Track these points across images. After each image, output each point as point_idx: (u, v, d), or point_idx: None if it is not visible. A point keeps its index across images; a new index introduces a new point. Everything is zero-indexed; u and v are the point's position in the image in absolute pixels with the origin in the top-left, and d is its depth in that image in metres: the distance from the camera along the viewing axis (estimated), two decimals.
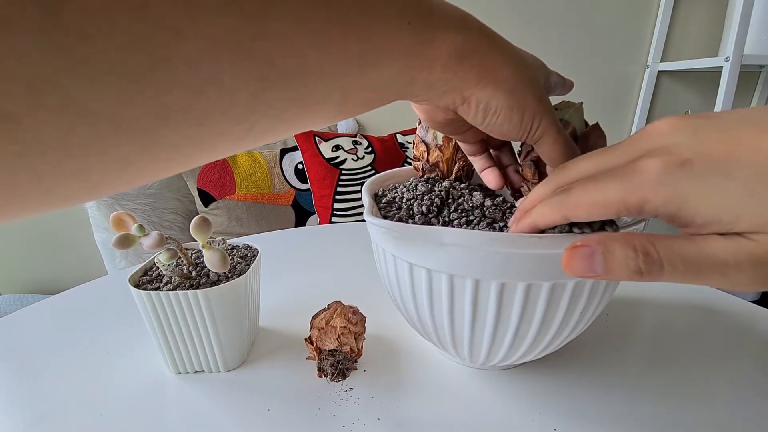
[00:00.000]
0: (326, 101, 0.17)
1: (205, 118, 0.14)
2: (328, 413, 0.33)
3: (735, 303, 0.50)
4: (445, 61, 0.20)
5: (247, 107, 0.14)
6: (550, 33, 1.49)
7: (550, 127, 0.25)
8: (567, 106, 0.31)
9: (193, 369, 0.37)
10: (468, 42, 0.21)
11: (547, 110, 0.25)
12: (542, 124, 0.25)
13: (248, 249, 0.41)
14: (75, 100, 0.11)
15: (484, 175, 0.34)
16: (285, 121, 0.16)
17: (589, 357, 0.40)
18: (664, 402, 0.34)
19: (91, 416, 0.33)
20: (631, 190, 0.19)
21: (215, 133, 0.14)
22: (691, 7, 1.49)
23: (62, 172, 0.12)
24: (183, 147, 0.14)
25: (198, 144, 0.14)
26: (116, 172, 0.13)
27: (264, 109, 0.15)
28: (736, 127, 0.18)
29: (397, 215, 0.32)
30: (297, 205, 1.27)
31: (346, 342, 0.36)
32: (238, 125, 0.15)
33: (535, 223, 0.24)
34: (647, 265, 0.19)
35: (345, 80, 0.17)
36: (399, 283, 0.32)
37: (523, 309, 0.28)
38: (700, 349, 0.42)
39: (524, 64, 0.24)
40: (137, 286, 0.34)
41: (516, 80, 0.23)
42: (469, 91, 0.22)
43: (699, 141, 0.18)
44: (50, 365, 0.39)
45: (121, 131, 0.12)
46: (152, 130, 0.13)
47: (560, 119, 0.29)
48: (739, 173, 0.17)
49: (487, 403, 0.34)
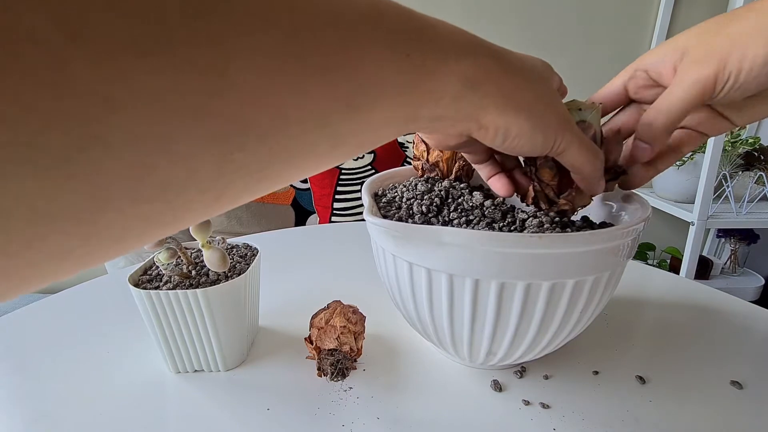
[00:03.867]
0: (311, 152, 0.15)
1: (159, 193, 0.11)
2: (328, 412, 0.33)
3: (735, 303, 0.50)
4: (455, 91, 0.19)
5: (212, 174, 0.12)
6: (550, 33, 1.49)
7: (573, 139, 0.25)
8: (588, 107, 0.29)
9: (193, 368, 0.37)
10: (479, 68, 0.19)
11: (567, 122, 0.24)
12: (565, 138, 0.24)
13: (248, 248, 0.41)
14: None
15: (492, 183, 0.32)
16: (263, 180, 0.14)
17: (589, 357, 0.40)
18: (663, 402, 0.34)
19: (91, 415, 0.33)
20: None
21: (174, 207, 0.12)
22: (691, 8, 1.49)
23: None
24: (133, 228, 0.12)
25: (153, 221, 0.12)
26: (54, 262, 0.11)
27: (233, 172, 0.13)
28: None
29: (397, 215, 0.32)
30: (297, 205, 1.27)
31: (345, 341, 0.36)
32: (204, 194, 0.13)
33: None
34: (660, 113, 0.27)
35: (332, 128, 0.15)
36: (399, 282, 0.32)
37: (522, 308, 0.28)
38: (700, 349, 0.42)
39: (541, 79, 0.23)
40: (137, 285, 0.34)
41: (536, 101, 0.22)
42: (486, 118, 0.21)
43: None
44: (50, 364, 0.39)
45: (48, 224, 0.10)
46: (91, 217, 0.10)
47: (582, 120, 0.29)
48: None
49: (486, 402, 0.34)
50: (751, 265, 1.70)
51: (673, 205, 1.44)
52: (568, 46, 1.51)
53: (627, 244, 0.29)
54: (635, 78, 0.31)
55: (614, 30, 1.51)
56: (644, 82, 0.30)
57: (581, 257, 0.27)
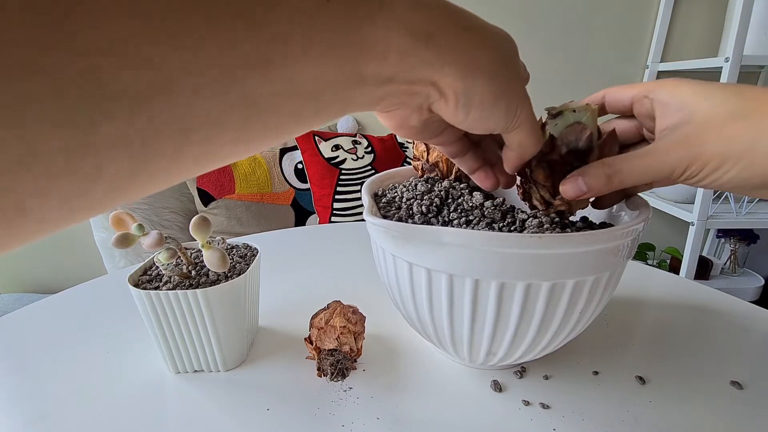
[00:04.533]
0: (219, 125, 0.13)
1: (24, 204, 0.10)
2: (328, 413, 0.33)
3: (735, 303, 0.50)
4: (402, 44, 0.16)
5: (72, 151, 0.10)
6: (550, 33, 1.49)
7: (529, 114, 0.23)
8: (583, 109, 0.29)
9: (193, 368, 0.37)
10: (431, 20, 0.17)
11: (525, 94, 0.22)
12: (524, 111, 0.22)
13: (248, 248, 0.41)
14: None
15: (476, 178, 0.31)
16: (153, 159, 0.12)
17: (589, 357, 0.40)
18: (663, 402, 0.34)
19: (91, 415, 0.33)
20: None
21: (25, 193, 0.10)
22: (690, 8, 1.49)
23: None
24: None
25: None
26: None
27: (104, 148, 0.11)
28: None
29: (397, 215, 0.32)
30: (296, 205, 1.27)
31: (345, 341, 0.36)
32: (67, 177, 0.11)
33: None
34: (613, 172, 0.26)
35: (242, 91, 0.13)
36: (398, 282, 0.32)
37: (522, 309, 0.28)
38: (700, 349, 0.42)
39: (501, 39, 0.21)
40: (137, 285, 0.34)
41: (499, 63, 0.20)
42: (444, 80, 0.18)
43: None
44: (50, 364, 0.39)
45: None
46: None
47: (577, 122, 0.28)
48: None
49: (486, 402, 0.34)
50: (750, 266, 1.70)
51: (673, 205, 1.44)
52: (568, 46, 1.51)
53: (627, 244, 0.29)
54: (641, 102, 0.30)
55: (614, 30, 1.51)
56: (646, 111, 0.30)
57: (581, 257, 0.27)
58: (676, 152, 0.26)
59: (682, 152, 0.25)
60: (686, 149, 0.25)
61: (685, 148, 0.25)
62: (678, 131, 0.26)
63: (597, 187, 0.27)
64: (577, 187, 0.27)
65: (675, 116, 0.27)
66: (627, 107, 0.32)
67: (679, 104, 0.27)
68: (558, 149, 0.29)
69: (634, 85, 0.31)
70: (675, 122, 0.27)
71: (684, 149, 0.25)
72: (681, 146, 0.26)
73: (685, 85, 0.27)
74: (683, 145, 0.25)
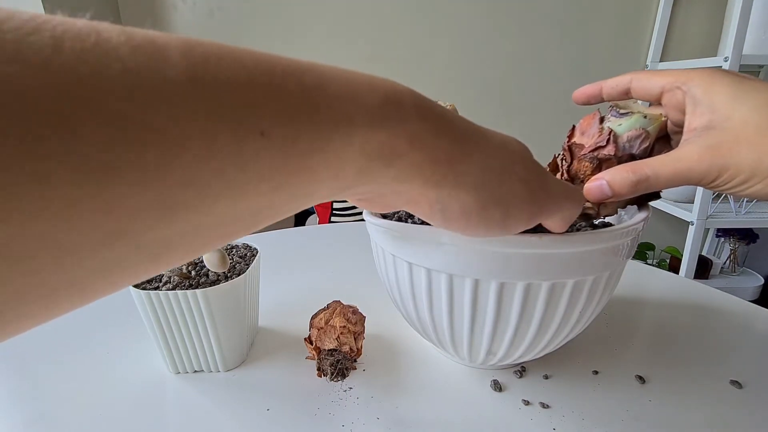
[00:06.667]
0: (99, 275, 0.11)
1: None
2: (328, 413, 0.33)
3: (735, 303, 0.50)
4: (359, 165, 0.15)
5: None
6: (550, 33, 1.49)
7: (556, 210, 0.23)
8: (655, 118, 0.28)
9: (193, 369, 0.37)
10: (399, 137, 0.15)
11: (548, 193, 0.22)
12: (547, 211, 0.22)
13: (247, 249, 0.41)
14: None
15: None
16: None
17: (589, 357, 0.40)
18: (663, 402, 0.34)
19: (91, 416, 0.33)
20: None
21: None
22: (690, 7, 1.49)
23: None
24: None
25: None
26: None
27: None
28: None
29: (397, 215, 0.32)
30: None
31: (345, 342, 0.36)
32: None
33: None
34: (637, 177, 0.26)
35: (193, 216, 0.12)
36: (398, 282, 0.32)
37: (522, 308, 0.28)
38: (699, 348, 0.42)
39: (505, 147, 0.20)
40: (136, 285, 0.34)
41: (489, 171, 0.19)
42: (412, 192, 0.17)
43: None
44: (50, 365, 0.39)
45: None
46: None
47: (643, 128, 0.28)
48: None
49: (486, 402, 0.34)
50: (750, 265, 1.70)
51: (673, 204, 1.44)
52: (567, 45, 1.51)
53: (627, 244, 0.29)
54: (673, 93, 0.28)
55: (614, 30, 1.51)
56: (677, 103, 0.28)
57: (581, 257, 0.27)
58: (706, 161, 0.25)
59: (713, 161, 0.25)
60: (717, 158, 0.25)
61: (717, 156, 0.25)
62: (709, 136, 0.25)
63: (622, 192, 0.26)
64: (601, 190, 0.27)
65: (706, 116, 0.26)
66: (655, 96, 0.30)
67: (712, 104, 0.26)
68: (615, 147, 0.28)
69: (662, 72, 0.29)
70: (705, 123, 0.26)
71: (715, 158, 0.25)
72: (712, 154, 0.25)
73: (718, 83, 0.26)
74: (714, 154, 0.25)
